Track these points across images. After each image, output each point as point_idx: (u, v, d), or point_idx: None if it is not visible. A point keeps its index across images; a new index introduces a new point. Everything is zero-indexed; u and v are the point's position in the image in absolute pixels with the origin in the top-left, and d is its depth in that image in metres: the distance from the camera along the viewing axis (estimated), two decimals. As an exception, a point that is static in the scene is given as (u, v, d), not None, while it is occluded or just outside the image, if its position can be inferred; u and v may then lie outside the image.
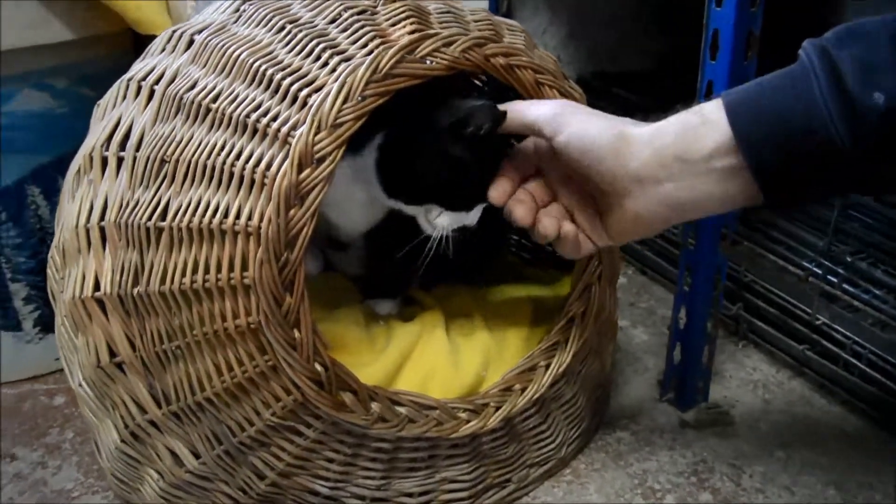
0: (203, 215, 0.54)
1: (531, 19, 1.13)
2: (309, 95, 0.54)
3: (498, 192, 0.59)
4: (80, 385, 0.62)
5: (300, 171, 0.52)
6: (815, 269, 0.83)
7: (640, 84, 1.17)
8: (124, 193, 0.58)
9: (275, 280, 0.52)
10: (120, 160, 0.60)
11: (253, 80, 0.57)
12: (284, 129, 0.53)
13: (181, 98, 0.58)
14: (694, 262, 0.76)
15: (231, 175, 0.54)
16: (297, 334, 0.54)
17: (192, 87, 0.58)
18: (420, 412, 0.60)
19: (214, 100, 0.57)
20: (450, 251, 0.66)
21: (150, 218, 0.56)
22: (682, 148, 0.50)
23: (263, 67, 0.56)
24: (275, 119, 0.54)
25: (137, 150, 0.59)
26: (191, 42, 0.62)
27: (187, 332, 0.56)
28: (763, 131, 0.48)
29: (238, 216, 0.53)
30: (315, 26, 0.59)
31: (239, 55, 0.58)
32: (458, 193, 0.64)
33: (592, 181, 0.55)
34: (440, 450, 0.64)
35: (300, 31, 0.58)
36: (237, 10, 0.63)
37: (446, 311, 0.74)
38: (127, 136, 0.60)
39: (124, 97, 0.63)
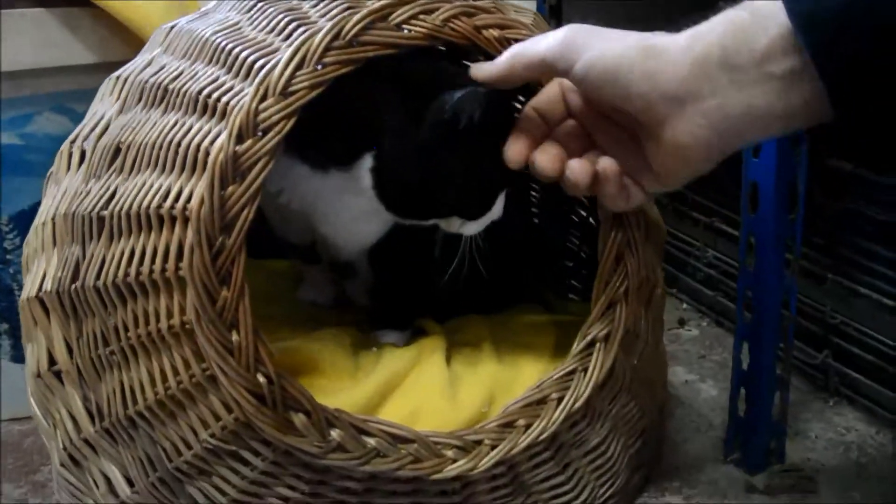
0: (143, 200, 0.48)
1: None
2: (264, 66, 0.48)
3: (513, 151, 0.50)
4: (31, 401, 0.56)
5: (240, 142, 0.45)
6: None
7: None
8: (79, 186, 0.54)
9: (207, 269, 0.45)
10: (83, 154, 0.56)
11: (213, 57, 0.51)
12: (234, 102, 0.47)
13: (144, 84, 0.54)
14: (755, 284, 0.62)
15: (175, 155, 0.48)
16: (234, 337, 0.46)
17: (157, 72, 0.54)
18: (393, 445, 0.50)
19: (173, 80, 0.52)
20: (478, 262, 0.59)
21: (94, 207, 0.50)
22: (728, 52, 0.40)
23: (225, 44, 0.51)
24: (227, 92, 0.48)
25: (98, 141, 0.54)
26: (169, 33, 0.58)
27: (121, 335, 0.49)
28: (828, 12, 0.37)
29: (177, 199, 0.47)
30: (289, 1, 0.53)
31: (205, 36, 0.53)
32: (473, 199, 0.57)
33: (625, 113, 0.45)
34: (424, 497, 0.53)
35: (270, 7, 0.53)
36: (222, -1, 0.59)
37: (453, 340, 0.64)
38: (94, 131, 0.56)
39: (102, 95, 0.60)
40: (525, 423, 0.53)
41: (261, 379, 0.46)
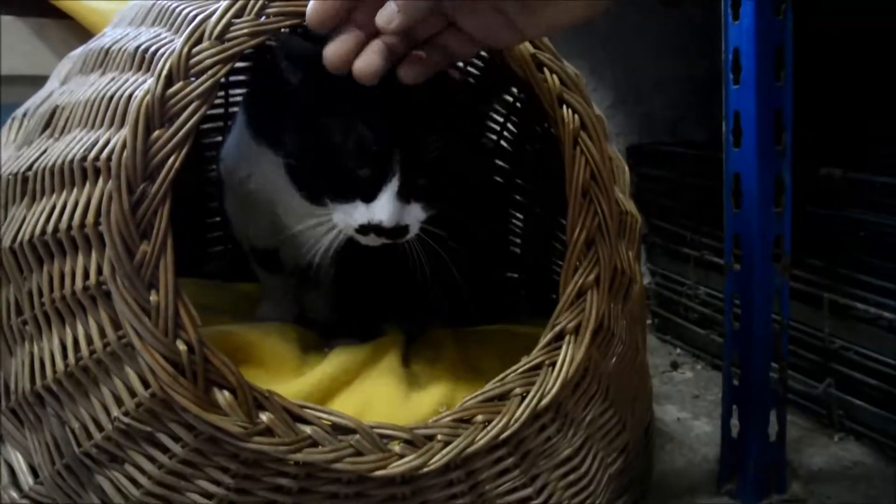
0: (67, 154, 0.45)
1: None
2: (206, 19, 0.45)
3: (332, 49, 0.44)
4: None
5: (169, 85, 0.42)
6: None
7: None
8: (13, 153, 0.50)
9: (125, 219, 0.41)
10: (21, 126, 0.53)
11: (157, 18, 0.49)
12: (168, 50, 0.44)
13: (88, 51, 0.52)
14: (743, 288, 0.58)
15: (107, 110, 0.45)
16: (152, 297, 0.41)
17: (103, 40, 0.52)
18: (331, 435, 0.44)
19: (115, 43, 0.49)
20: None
21: (19, 169, 0.47)
22: None
23: (171, 5, 0.49)
24: (166, 45, 0.45)
25: (37, 110, 0.52)
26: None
27: (35, 301, 0.44)
28: None
29: (102, 150, 0.43)
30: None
31: (156, 2, 0.51)
32: (342, 171, 0.50)
33: None
34: (368, 501, 0.47)
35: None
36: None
37: (414, 344, 0.59)
38: (35, 103, 0.54)
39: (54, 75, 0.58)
40: (484, 419, 0.47)
41: (180, 346, 0.41)
